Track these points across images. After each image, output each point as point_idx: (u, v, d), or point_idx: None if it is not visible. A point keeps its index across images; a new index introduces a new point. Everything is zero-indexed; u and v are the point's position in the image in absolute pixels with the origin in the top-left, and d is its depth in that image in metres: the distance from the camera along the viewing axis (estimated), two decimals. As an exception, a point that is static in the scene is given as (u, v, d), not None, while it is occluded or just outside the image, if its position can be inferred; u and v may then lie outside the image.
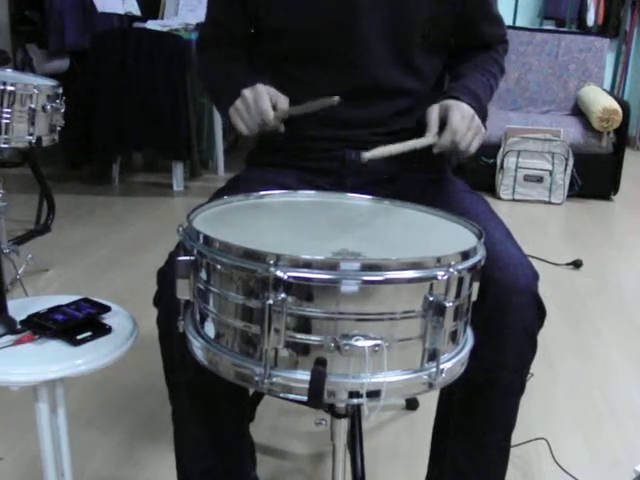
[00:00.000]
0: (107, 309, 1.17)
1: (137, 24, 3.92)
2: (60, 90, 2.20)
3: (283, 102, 1.18)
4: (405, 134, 1.27)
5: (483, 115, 1.22)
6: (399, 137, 1.27)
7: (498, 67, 1.34)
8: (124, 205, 3.64)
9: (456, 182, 1.30)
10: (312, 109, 1.13)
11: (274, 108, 1.16)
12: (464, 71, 1.30)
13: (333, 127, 1.27)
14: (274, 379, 0.76)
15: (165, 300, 1.05)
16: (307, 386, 0.74)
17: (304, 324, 0.75)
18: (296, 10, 1.23)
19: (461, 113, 1.14)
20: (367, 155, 1.05)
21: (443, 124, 1.15)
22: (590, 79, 4.51)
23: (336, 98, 1.07)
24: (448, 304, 0.76)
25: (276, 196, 1.06)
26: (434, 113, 1.16)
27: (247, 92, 1.16)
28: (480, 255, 0.82)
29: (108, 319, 1.15)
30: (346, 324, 0.74)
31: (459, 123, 1.13)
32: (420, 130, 1.18)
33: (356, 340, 0.74)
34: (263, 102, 1.15)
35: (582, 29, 5.60)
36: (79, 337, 1.07)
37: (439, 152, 1.15)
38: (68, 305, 1.16)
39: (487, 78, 1.29)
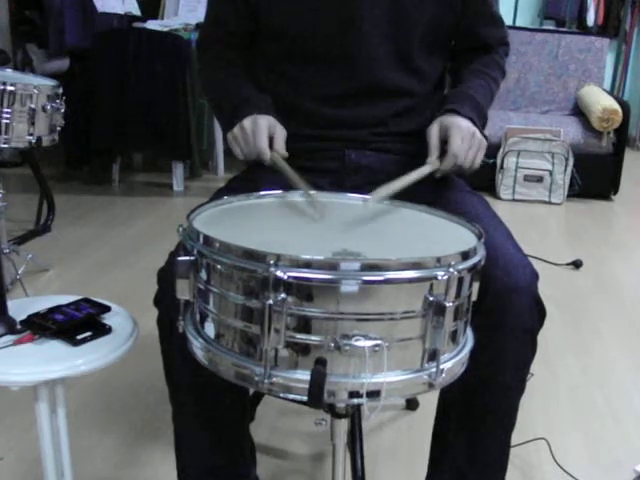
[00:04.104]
0: (107, 309, 1.17)
1: (137, 24, 3.92)
2: (60, 90, 2.20)
3: (280, 136, 1.18)
4: (405, 136, 1.28)
5: (483, 122, 1.23)
6: (399, 138, 1.28)
7: (499, 70, 1.34)
8: (124, 205, 3.64)
9: (456, 182, 1.30)
10: (297, 182, 1.08)
11: (271, 143, 1.16)
12: (465, 76, 1.30)
13: (333, 127, 1.27)
14: (274, 379, 0.76)
15: (165, 300, 1.05)
16: (307, 386, 0.74)
17: (304, 324, 0.75)
18: (297, 10, 1.23)
19: (461, 134, 1.15)
20: (374, 199, 1.04)
21: (444, 142, 1.16)
22: (590, 79, 4.51)
23: (313, 193, 1.04)
24: (448, 304, 0.76)
25: (276, 196, 1.06)
26: (434, 136, 1.17)
27: (247, 123, 1.17)
28: (480, 255, 0.82)
29: (108, 319, 1.15)
30: (346, 324, 0.74)
31: (459, 147, 1.14)
32: (420, 136, 1.19)
33: (356, 340, 0.74)
34: (262, 139, 1.15)
35: (582, 29, 5.60)
36: (79, 337, 1.07)
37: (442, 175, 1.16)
38: (68, 305, 1.16)
39: (488, 83, 1.29)
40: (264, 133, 1.16)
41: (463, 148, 1.14)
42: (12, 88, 2.02)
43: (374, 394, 0.76)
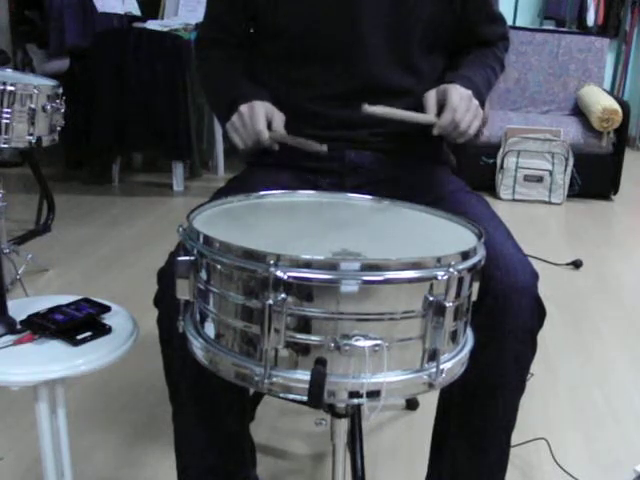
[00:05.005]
0: (107, 309, 1.17)
1: (137, 24, 3.92)
2: (60, 90, 2.20)
3: (278, 119, 1.19)
4: (405, 136, 1.28)
5: (481, 102, 1.22)
6: (399, 138, 1.28)
7: (498, 62, 1.34)
8: (124, 205, 3.64)
9: (456, 182, 1.30)
10: (302, 146, 1.12)
11: (269, 126, 1.17)
12: (463, 62, 1.30)
13: (333, 127, 1.27)
14: (274, 379, 0.76)
15: (165, 300, 1.05)
16: (307, 386, 0.74)
17: (304, 324, 0.75)
18: (297, 10, 1.23)
19: (459, 94, 1.14)
20: (368, 108, 1.08)
21: (441, 108, 1.15)
22: (590, 79, 4.51)
23: (325, 147, 1.08)
24: (448, 304, 0.76)
25: (276, 196, 1.06)
26: (431, 96, 1.17)
27: (244, 109, 1.18)
28: (480, 255, 0.82)
29: (108, 319, 1.15)
30: (346, 324, 0.74)
31: (458, 102, 1.13)
32: (420, 136, 1.18)
33: (356, 340, 0.74)
34: (259, 122, 1.16)
35: (582, 29, 5.60)
36: (79, 337, 1.07)
37: (439, 133, 1.15)
38: (68, 305, 1.16)
39: (485, 70, 1.29)
40: (261, 115, 1.17)
41: (462, 105, 1.14)
42: (12, 88, 2.02)
43: (374, 394, 0.76)
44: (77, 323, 1.11)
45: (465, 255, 0.79)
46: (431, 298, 0.76)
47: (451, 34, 1.30)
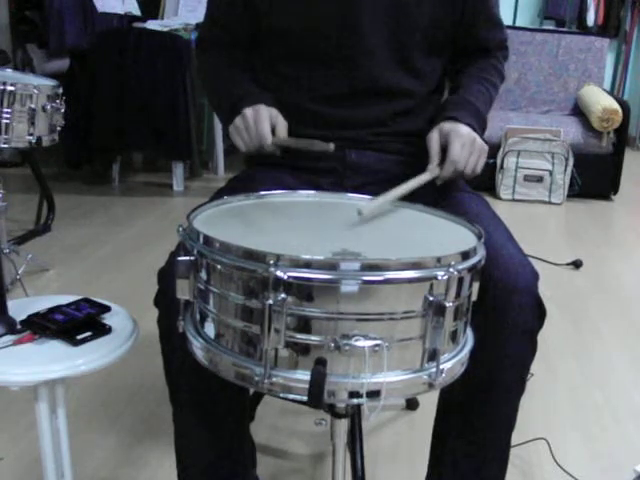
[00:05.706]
0: (107, 309, 1.17)
1: (137, 24, 3.92)
2: (60, 90, 2.21)
3: (282, 126, 1.19)
4: (405, 136, 1.28)
5: (483, 128, 1.23)
6: (399, 138, 1.28)
7: (498, 75, 1.34)
8: (124, 205, 3.64)
9: (456, 182, 1.30)
10: (308, 148, 1.11)
11: (273, 131, 1.17)
12: (464, 82, 1.30)
13: (333, 127, 1.27)
14: (274, 379, 0.76)
15: (165, 300, 1.05)
16: (307, 386, 0.74)
17: (304, 324, 0.75)
18: (296, 11, 1.23)
19: (461, 141, 1.15)
20: (366, 212, 0.97)
21: (445, 149, 1.16)
22: (590, 79, 4.51)
23: (332, 146, 1.07)
24: (448, 304, 0.76)
25: (276, 196, 1.06)
26: (434, 143, 1.17)
27: (248, 112, 1.17)
28: (480, 255, 0.82)
29: (108, 319, 1.15)
30: (346, 324, 0.74)
31: (459, 153, 1.14)
32: (420, 136, 1.19)
33: (356, 340, 0.74)
34: (263, 126, 1.16)
35: (582, 29, 5.60)
36: (79, 337, 1.07)
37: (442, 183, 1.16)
38: (68, 305, 1.16)
39: (487, 88, 1.30)
40: (266, 120, 1.16)
41: (463, 155, 1.15)
42: (12, 88, 2.02)
43: (374, 394, 0.76)
44: (77, 323, 1.11)
45: (465, 255, 0.79)
46: (431, 298, 0.76)
47: (451, 36, 1.30)
